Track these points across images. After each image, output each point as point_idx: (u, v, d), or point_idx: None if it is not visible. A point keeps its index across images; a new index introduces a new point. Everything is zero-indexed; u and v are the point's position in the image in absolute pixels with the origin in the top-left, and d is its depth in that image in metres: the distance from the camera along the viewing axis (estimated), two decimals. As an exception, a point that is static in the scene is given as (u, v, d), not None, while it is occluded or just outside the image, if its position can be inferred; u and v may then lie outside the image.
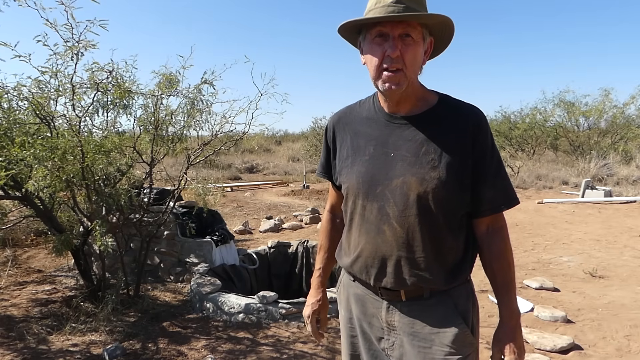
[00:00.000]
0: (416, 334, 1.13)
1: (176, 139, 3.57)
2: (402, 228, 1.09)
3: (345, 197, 1.21)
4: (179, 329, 3.04)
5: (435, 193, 1.06)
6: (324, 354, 2.69)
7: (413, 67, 1.05)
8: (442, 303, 1.13)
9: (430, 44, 1.11)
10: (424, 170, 1.07)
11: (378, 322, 1.20)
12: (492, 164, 1.10)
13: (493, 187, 1.10)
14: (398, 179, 1.09)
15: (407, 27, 1.02)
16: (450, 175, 1.06)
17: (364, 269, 1.18)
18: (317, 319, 1.41)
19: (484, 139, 1.09)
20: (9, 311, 3.33)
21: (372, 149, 1.15)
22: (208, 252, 3.92)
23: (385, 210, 1.11)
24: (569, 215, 7.28)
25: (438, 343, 1.10)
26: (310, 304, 1.41)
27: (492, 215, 1.13)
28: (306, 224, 6.63)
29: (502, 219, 1.16)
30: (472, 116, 1.10)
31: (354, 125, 1.21)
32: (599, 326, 3.09)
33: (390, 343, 1.18)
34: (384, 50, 1.03)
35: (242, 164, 15.74)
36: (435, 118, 1.11)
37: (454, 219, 1.11)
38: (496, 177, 1.11)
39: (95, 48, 2.77)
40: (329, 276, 1.44)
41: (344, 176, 1.20)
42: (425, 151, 1.08)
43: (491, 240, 1.15)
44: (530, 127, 16.54)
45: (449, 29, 1.10)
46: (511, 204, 1.13)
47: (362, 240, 1.17)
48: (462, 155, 1.07)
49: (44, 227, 3.84)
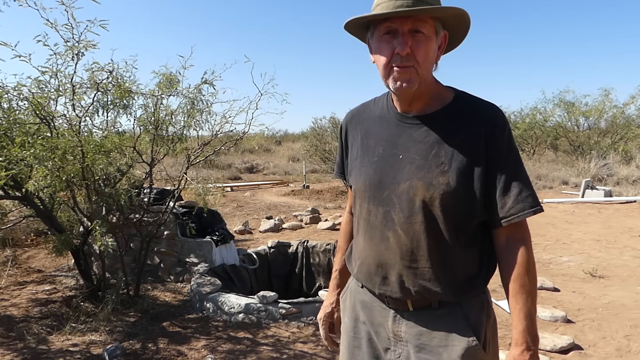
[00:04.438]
0: (424, 346, 1.05)
1: (176, 139, 3.56)
2: (407, 236, 1.02)
3: (354, 199, 1.16)
4: (179, 329, 3.04)
5: (442, 200, 0.98)
6: (324, 354, 2.69)
7: (425, 64, 0.98)
8: (451, 314, 1.04)
9: (444, 38, 1.03)
10: (432, 175, 1.00)
11: (385, 332, 1.12)
12: (508, 166, 0.99)
13: (510, 192, 0.98)
14: (405, 183, 1.02)
15: (417, 22, 0.95)
16: (461, 181, 0.98)
17: (367, 276, 1.12)
18: (331, 322, 1.34)
19: (500, 139, 0.99)
20: (9, 311, 3.33)
21: (381, 150, 1.08)
22: (208, 252, 3.92)
23: (391, 215, 1.04)
24: (569, 215, 7.28)
25: (446, 358, 1.02)
26: (324, 306, 1.34)
27: (510, 225, 1.00)
28: (306, 224, 6.62)
29: (525, 230, 1.02)
30: (489, 115, 1.01)
31: (365, 124, 1.16)
32: (599, 326, 3.09)
33: (397, 355, 1.09)
34: (393, 47, 0.96)
35: (242, 164, 15.73)
36: (448, 117, 1.03)
37: (466, 229, 1.02)
38: (513, 181, 0.99)
39: (96, 48, 2.78)
40: (346, 279, 1.33)
41: (353, 177, 1.15)
42: (436, 154, 1.00)
43: (510, 254, 1.01)
44: (530, 127, 16.53)
45: (464, 21, 1.02)
46: (531, 212, 0.98)
47: (366, 246, 1.11)
48: (475, 158, 0.99)
49: (44, 227, 3.84)
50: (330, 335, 1.34)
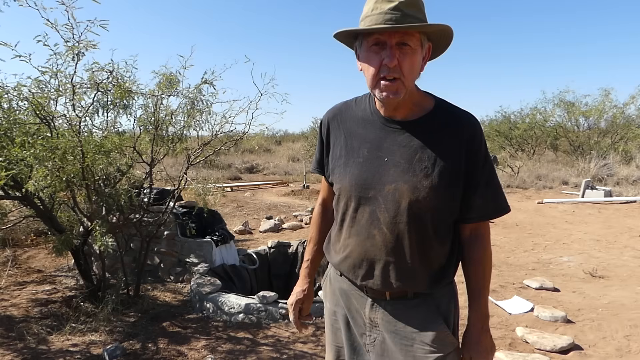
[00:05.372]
0: (398, 332, 1.16)
1: (176, 139, 3.56)
2: (392, 234, 1.11)
3: (337, 196, 1.22)
4: (179, 329, 3.04)
5: (426, 202, 1.08)
6: (323, 354, 2.69)
7: (411, 75, 1.05)
8: (424, 304, 1.16)
9: (428, 50, 1.10)
10: (416, 179, 1.08)
11: (361, 318, 1.22)
12: (484, 172, 1.11)
13: (483, 196, 1.12)
14: (390, 185, 1.10)
15: (404, 36, 1.02)
16: (442, 183, 1.07)
17: (351, 269, 1.20)
18: (300, 308, 1.43)
19: (478, 148, 1.10)
20: (9, 311, 3.33)
21: (366, 152, 1.15)
22: (208, 252, 3.92)
23: (377, 215, 1.12)
24: (569, 215, 7.28)
25: (419, 342, 1.13)
26: (296, 292, 1.43)
27: (477, 222, 1.17)
28: (306, 224, 6.62)
29: (486, 226, 1.19)
30: (467, 125, 1.11)
31: (348, 124, 1.21)
32: (599, 326, 3.08)
33: (372, 339, 1.20)
34: (381, 59, 1.03)
35: (242, 164, 15.73)
36: (430, 125, 1.11)
37: (443, 227, 1.13)
38: (487, 186, 1.12)
39: (96, 48, 2.78)
40: (317, 268, 1.47)
41: (337, 176, 1.21)
42: (419, 158, 1.09)
43: (472, 246, 1.18)
44: (530, 127, 16.55)
45: (447, 35, 1.09)
46: (500, 213, 1.15)
47: (351, 242, 1.18)
48: (455, 163, 1.08)
49: (44, 227, 3.84)
50: (299, 320, 1.44)
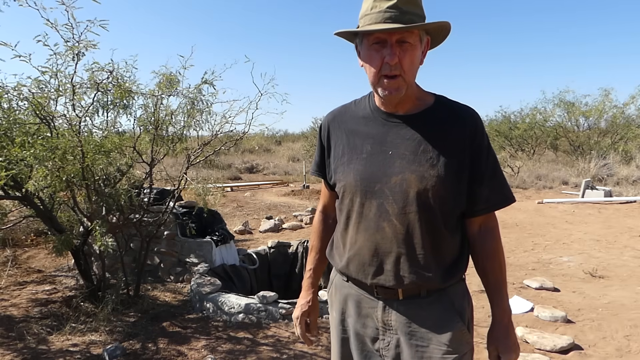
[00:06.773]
0: (413, 333, 1.13)
1: (176, 139, 3.56)
2: (402, 225, 1.10)
3: (341, 196, 1.21)
4: (179, 329, 3.04)
5: (434, 190, 1.07)
6: (323, 354, 2.69)
7: (411, 71, 1.07)
8: (439, 301, 1.14)
9: (427, 43, 1.12)
10: (423, 168, 1.08)
11: (373, 323, 1.19)
12: (488, 163, 1.12)
13: (489, 186, 1.12)
14: (397, 177, 1.10)
15: (404, 33, 1.03)
16: (449, 173, 1.08)
17: (360, 268, 1.17)
18: (307, 321, 1.38)
19: (481, 140, 1.11)
20: (9, 311, 3.33)
21: (369, 147, 1.15)
22: (208, 252, 3.92)
23: (385, 207, 1.11)
24: (569, 215, 7.28)
25: (436, 342, 1.11)
26: (300, 305, 1.38)
27: (485, 215, 1.16)
28: (306, 224, 6.63)
29: (495, 219, 1.19)
30: (469, 117, 1.12)
31: (349, 124, 1.21)
32: (599, 326, 3.09)
33: (386, 343, 1.17)
34: (382, 57, 1.04)
35: (242, 164, 15.73)
36: (432, 118, 1.12)
37: (452, 218, 1.13)
38: (492, 176, 1.13)
39: (96, 48, 2.78)
40: (320, 277, 1.42)
41: (340, 174, 1.20)
42: (424, 150, 1.09)
43: (484, 240, 1.17)
44: (530, 127, 16.54)
45: (445, 28, 1.11)
46: (507, 202, 1.16)
47: (360, 237, 1.16)
48: (459, 155, 1.09)
49: (44, 227, 3.84)
50: (306, 334, 1.39)
